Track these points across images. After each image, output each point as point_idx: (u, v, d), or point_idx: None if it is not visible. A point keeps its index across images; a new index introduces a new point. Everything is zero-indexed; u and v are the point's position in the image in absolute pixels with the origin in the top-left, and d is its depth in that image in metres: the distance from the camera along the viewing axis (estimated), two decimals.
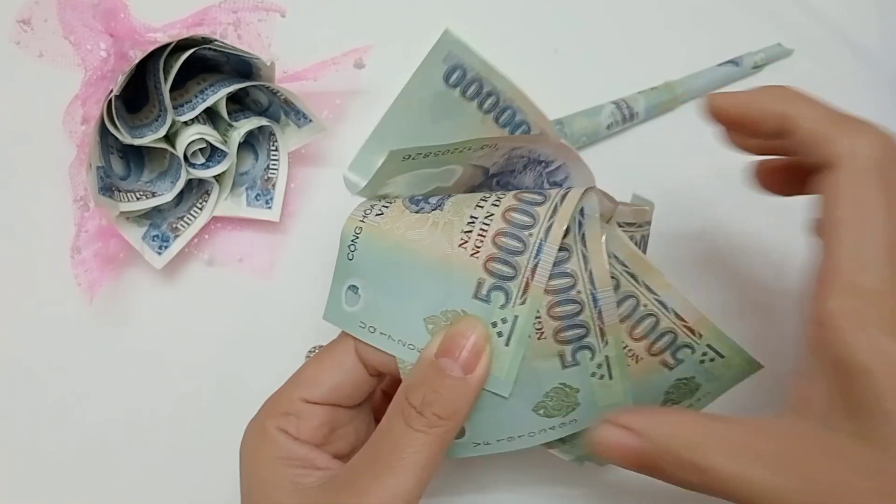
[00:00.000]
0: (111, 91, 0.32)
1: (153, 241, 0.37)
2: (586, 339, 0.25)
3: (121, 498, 0.35)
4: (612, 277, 0.25)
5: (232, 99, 0.38)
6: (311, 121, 0.38)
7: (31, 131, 0.40)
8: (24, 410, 0.36)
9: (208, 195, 0.38)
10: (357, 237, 0.27)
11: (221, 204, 0.38)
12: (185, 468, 0.35)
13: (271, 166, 0.39)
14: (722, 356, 0.26)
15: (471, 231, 0.25)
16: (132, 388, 0.37)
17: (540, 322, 0.24)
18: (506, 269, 0.25)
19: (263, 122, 0.38)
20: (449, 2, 0.46)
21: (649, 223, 0.31)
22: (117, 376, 0.37)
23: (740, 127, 0.26)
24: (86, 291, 0.35)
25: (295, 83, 0.38)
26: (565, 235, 0.24)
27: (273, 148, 0.39)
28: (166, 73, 0.33)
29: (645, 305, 0.25)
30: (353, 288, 0.27)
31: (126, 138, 0.34)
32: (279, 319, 0.38)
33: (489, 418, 0.26)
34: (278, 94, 0.37)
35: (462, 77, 0.26)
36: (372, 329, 0.26)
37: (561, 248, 0.24)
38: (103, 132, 0.34)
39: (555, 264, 0.24)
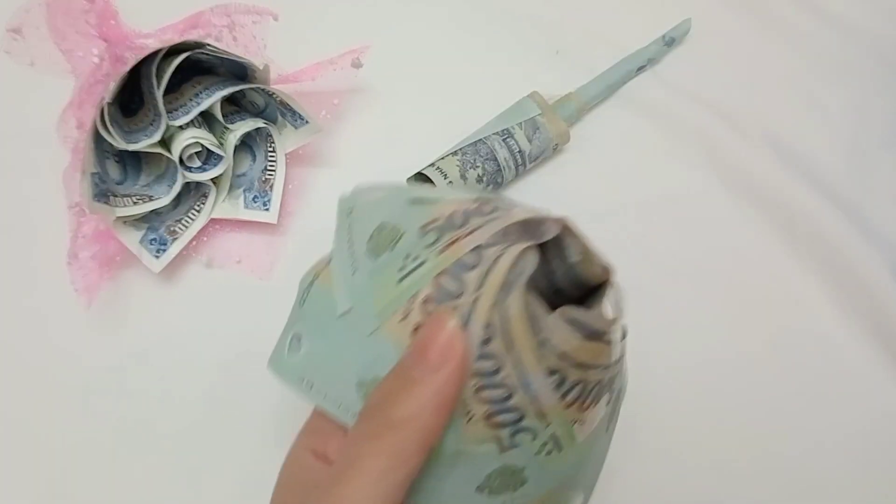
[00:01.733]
0: (103, 98, 0.31)
1: (151, 244, 0.36)
2: (523, 423, 0.22)
3: (120, 500, 0.35)
4: (489, 324, 0.21)
5: (229, 100, 0.37)
6: (307, 122, 0.38)
7: (26, 137, 0.40)
8: (23, 413, 0.36)
9: (206, 197, 0.38)
10: (313, 283, 0.25)
11: (219, 206, 0.38)
12: (185, 469, 0.35)
13: (269, 168, 0.39)
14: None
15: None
16: (132, 392, 0.37)
17: (467, 404, 0.21)
18: None
19: (259, 123, 0.37)
20: (448, 2, 0.46)
21: None
22: (116, 380, 0.37)
23: None
24: (83, 296, 0.35)
25: (292, 83, 0.38)
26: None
27: (270, 149, 0.39)
28: (159, 78, 0.33)
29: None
30: (297, 336, 0.25)
31: (120, 144, 0.33)
32: (279, 320, 0.38)
33: (434, 493, 0.23)
34: (274, 96, 0.37)
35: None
36: (310, 385, 0.24)
37: (486, 324, 0.21)
38: (98, 137, 0.33)
39: (481, 343, 0.21)
